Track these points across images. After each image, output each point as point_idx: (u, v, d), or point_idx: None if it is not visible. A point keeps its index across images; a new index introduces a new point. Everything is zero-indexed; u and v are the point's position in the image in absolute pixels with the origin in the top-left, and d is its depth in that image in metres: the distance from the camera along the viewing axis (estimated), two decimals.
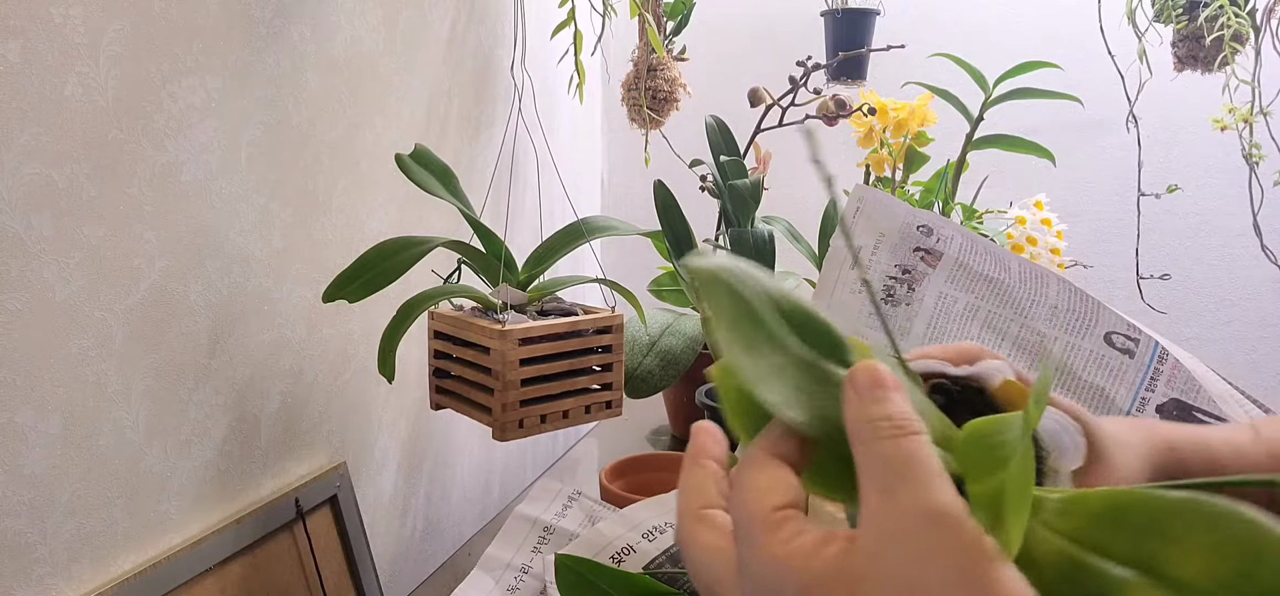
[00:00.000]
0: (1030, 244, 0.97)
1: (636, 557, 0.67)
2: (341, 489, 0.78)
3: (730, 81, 1.35)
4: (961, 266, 0.66)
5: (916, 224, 0.68)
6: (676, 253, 0.96)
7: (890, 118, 1.02)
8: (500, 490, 1.15)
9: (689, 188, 1.02)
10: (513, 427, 0.73)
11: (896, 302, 0.68)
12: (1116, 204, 1.58)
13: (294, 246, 0.73)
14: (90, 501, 0.56)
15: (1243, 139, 1.17)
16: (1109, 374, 0.62)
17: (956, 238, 0.67)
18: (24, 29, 0.50)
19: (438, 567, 0.98)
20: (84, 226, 0.54)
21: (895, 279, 0.68)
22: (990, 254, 0.66)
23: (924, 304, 0.67)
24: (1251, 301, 1.56)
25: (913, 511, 0.25)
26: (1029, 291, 0.64)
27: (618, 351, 0.79)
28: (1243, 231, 1.48)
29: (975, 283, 0.66)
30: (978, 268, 0.66)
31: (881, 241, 0.69)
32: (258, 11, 0.67)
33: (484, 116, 1.05)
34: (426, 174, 0.78)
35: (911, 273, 0.68)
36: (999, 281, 0.65)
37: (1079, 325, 0.63)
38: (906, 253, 0.68)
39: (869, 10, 1.47)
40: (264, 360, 0.71)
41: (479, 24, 1.03)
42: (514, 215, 1.10)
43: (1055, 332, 0.63)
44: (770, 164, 1.05)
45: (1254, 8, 1.13)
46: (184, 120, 0.61)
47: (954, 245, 0.67)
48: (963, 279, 0.66)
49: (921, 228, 0.68)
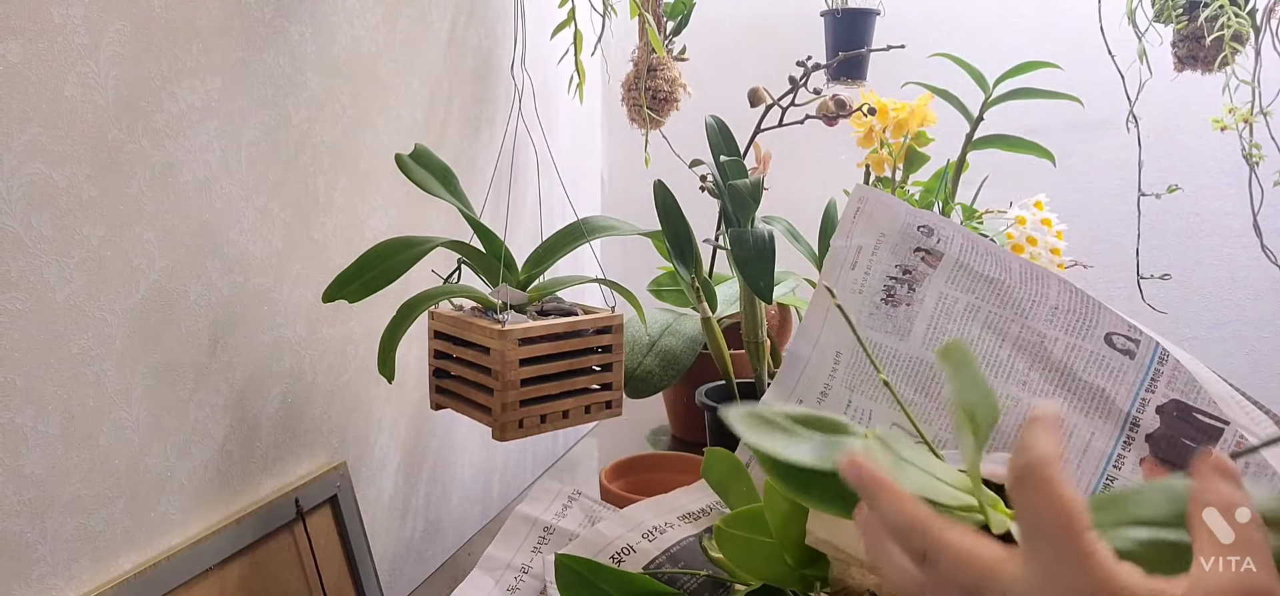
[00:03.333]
0: (1030, 244, 0.97)
1: (636, 557, 0.67)
2: (341, 489, 0.78)
3: (730, 81, 1.35)
4: (962, 267, 0.66)
5: (917, 224, 0.68)
6: (676, 252, 0.96)
7: (890, 118, 1.02)
8: (500, 490, 1.15)
9: (689, 188, 1.02)
10: (513, 427, 0.73)
11: (897, 302, 0.68)
12: (1116, 204, 1.58)
13: (294, 246, 0.73)
14: (90, 501, 0.56)
15: (1243, 139, 1.17)
16: (1109, 375, 0.61)
17: (957, 238, 0.67)
18: (24, 29, 0.50)
19: (438, 567, 0.98)
20: (84, 226, 0.54)
21: (896, 279, 0.68)
22: (991, 254, 0.66)
23: (924, 304, 0.67)
24: (1251, 301, 1.56)
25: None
26: (1029, 292, 0.64)
27: (618, 351, 0.79)
28: (1243, 231, 1.48)
29: (975, 283, 0.66)
30: (978, 268, 0.66)
31: (882, 241, 0.69)
32: (258, 11, 0.67)
33: (484, 116, 1.05)
34: (426, 174, 0.78)
35: (912, 273, 0.68)
36: (999, 282, 0.65)
37: (1079, 326, 0.63)
38: (907, 253, 0.68)
39: (869, 10, 1.47)
40: (264, 360, 0.71)
41: (479, 24, 1.03)
42: (514, 215, 1.10)
43: (1056, 333, 0.63)
44: (770, 164, 1.05)
45: (1254, 8, 1.13)
46: (184, 120, 0.61)
47: (954, 245, 0.67)
48: (963, 279, 0.66)
49: (922, 228, 0.68)
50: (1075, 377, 0.62)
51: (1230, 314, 1.57)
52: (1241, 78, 1.14)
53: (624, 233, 0.84)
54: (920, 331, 0.67)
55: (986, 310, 0.65)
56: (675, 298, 1.24)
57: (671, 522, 0.71)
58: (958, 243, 0.67)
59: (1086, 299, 0.63)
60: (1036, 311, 0.63)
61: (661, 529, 0.70)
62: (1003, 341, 0.64)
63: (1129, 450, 0.60)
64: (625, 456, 0.97)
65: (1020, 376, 0.63)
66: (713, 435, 0.99)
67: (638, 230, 0.86)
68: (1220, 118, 1.18)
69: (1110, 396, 0.61)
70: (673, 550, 0.67)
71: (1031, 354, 0.63)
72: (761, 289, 0.88)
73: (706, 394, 1.01)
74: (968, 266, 0.66)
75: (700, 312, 1.00)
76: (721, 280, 1.23)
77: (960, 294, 0.66)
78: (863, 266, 0.70)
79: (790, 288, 1.28)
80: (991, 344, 0.64)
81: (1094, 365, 0.62)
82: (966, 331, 0.65)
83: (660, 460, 0.99)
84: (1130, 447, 0.60)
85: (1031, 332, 0.63)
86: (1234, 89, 1.15)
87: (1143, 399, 0.60)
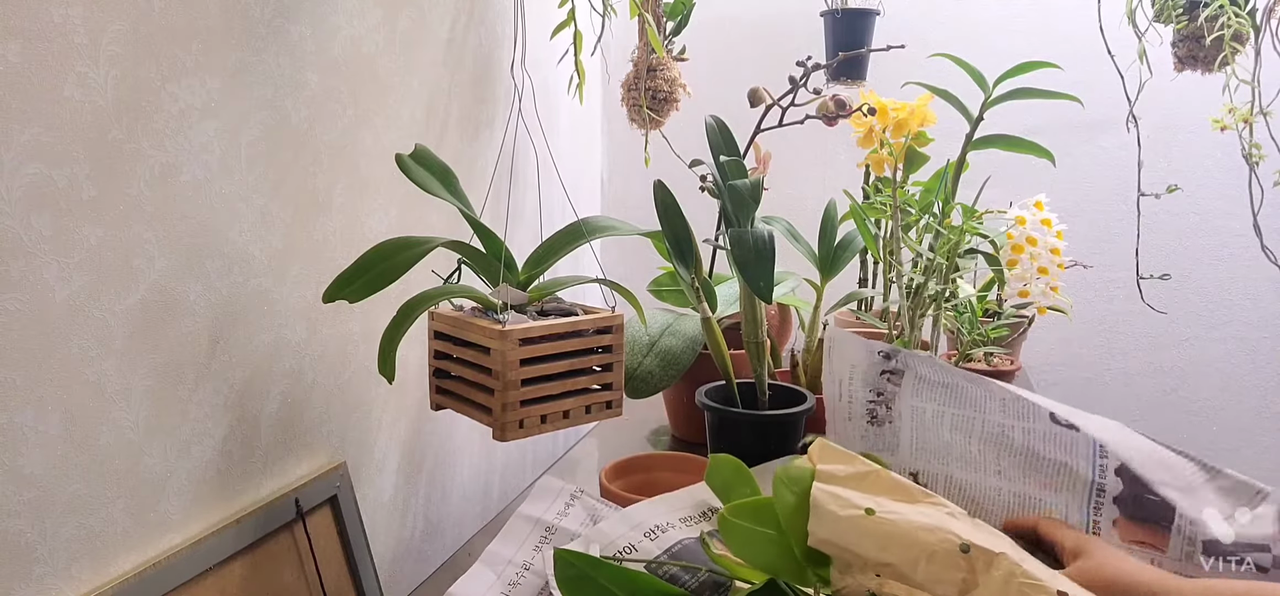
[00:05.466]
0: (1030, 244, 0.97)
1: (638, 556, 0.67)
2: (341, 489, 0.78)
3: (730, 81, 1.35)
4: (921, 379, 0.75)
5: (876, 351, 0.78)
6: (676, 253, 0.96)
7: (890, 118, 1.02)
8: (500, 490, 1.15)
9: (689, 188, 1.02)
10: (513, 427, 0.73)
11: (880, 423, 0.78)
12: (1116, 204, 1.59)
13: (294, 246, 0.73)
14: (90, 501, 0.56)
15: (1243, 139, 1.17)
16: (1066, 449, 0.67)
17: (910, 357, 0.76)
18: (24, 29, 0.50)
19: (438, 567, 0.98)
20: (84, 226, 0.54)
21: (874, 402, 0.78)
22: (937, 366, 0.75)
23: (903, 418, 0.76)
24: (1251, 301, 1.56)
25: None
26: (978, 391, 0.72)
27: (618, 351, 0.79)
28: (1243, 231, 1.48)
29: (935, 391, 0.74)
30: (934, 378, 0.74)
31: (854, 372, 0.79)
32: (257, 11, 0.67)
33: (484, 117, 1.05)
34: (426, 174, 0.78)
35: (884, 394, 0.77)
36: (952, 386, 0.73)
37: (1026, 412, 0.69)
38: (876, 378, 0.78)
39: (869, 10, 1.47)
40: (264, 360, 0.71)
41: (479, 24, 1.03)
42: (514, 215, 1.10)
43: (1010, 422, 0.70)
44: (770, 164, 1.05)
45: (1254, 8, 1.13)
46: (184, 120, 0.61)
47: (909, 362, 0.76)
48: (925, 390, 0.75)
49: (881, 353, 0.78)
50: (1039, 457, 0.68)
51: (1230, 314, 1.57)
52: (1241, 78, 1.14)
53: (624, 233, 0.84)
54: (906, 441, 0.76)
55: (951, 413, 0.73)
56: (675, 298, 1.24)
57: (673, 522, 0.71)
58: (911, 360, 0.76)
59: (1018, 394, 0.70)
60: (990, 405, 0.71)
61: (663, 528, 0.70)
62: (970, 438, 0.72)
63: (1100, 515, 0.66)
64: (625, 456, 0.97)
65: (994, 466, 0.71)
66: (713, 436, 0.99)
67: (638, 230, 0.86)
68: (1220, 118, 1.18)
69: (1073, 468, 0.67)
70: (674, 549, 0.67)
71: (998, 444, 0.70)
72: (761, 289, 0.88)
73: (706, 394, 1.01)
74: (925, 378, 0.75)
75: (700, 312, 1.00)
76: (721, 280, 1.23)
77: (926, 404, 0.75)
78: (846, 397, 0.79)
79: (790, 287, 1.28)
80: (962, 443, 0.72)
81: (1050, 442, 0.68)
82: (940, 435, 0.73)
83: (660, 460, 0.99)
84: (1101, 512, 0.66)
85: (992, 424, 0.71)
86: (1234, 89, 1.15)
87: (1100, 464, 0.66)
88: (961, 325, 1.23)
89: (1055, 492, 0.67)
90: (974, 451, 0.71)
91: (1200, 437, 1.58)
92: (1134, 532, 0.64)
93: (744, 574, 0.60)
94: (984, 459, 0.71)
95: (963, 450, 0.72)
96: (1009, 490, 0.70)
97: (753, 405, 1.00)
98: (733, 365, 1.02)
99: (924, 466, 0.75)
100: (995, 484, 0.70)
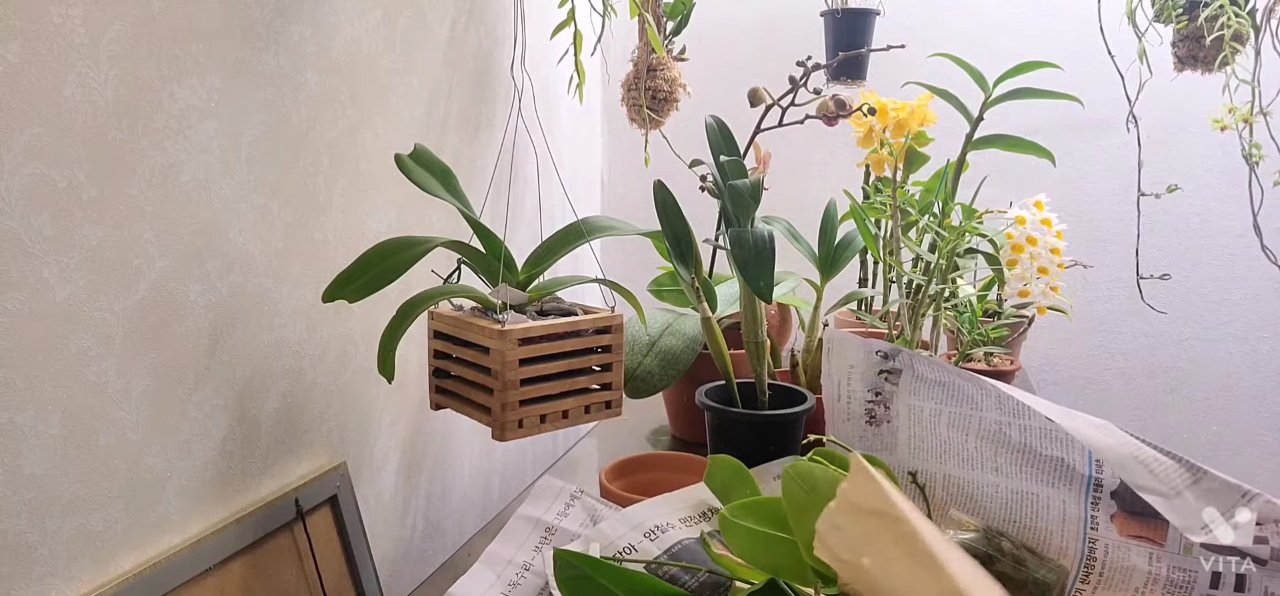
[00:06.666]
0: (1030, 244, 0.97)
1: (638, 556, 0.67)
2: (341, 489, 0.78)
3: (730, 81, 1.35)
4: (918, 377, 0.75)
5: (874, 350, 0.78)
6: (676, 253, 0.96)
7: (890, 118, 1.02)
8: (500, 490, 1.15)
9: (689, 188, 1.02)
10: (512, 427, 0.73)
11: (878, 423, 0.78)
12: (1116, 204, 1.59)
13: (294, 246, 0.73)
14: (90, 501, 0.56)
15: (1243, 139, 1.17)
16: (1061, 444, 0.67)
17: (907, 355, 0.76)
18: (24, 29, 0.50)
19: (438, 567, 0.98)
20: (84, 226, 0.54)
21: (872, 402, 0.78)
22: (935, 365, 0.75)
23: (900, 417, 0.76)
24: (1251, 301, 1.56)
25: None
26: (973, 388, 0.72)
27: (617, 351, 0.79)
28: (1243, 231, 1.48)
29: (932, 389, 0.74)
30: (931, 376, 0.74)
31: (852, 372, 0.80)
32: (257, 11, 0.67)
33: (484, 116, 1.05)
34: (426, 174, 0.78)
35: (882, 394, 0.78)
36: (949, 384, 0.73)
37: (1019, 409, 0.69)
38: (874, 377, 0.78)
39: (869, 10, 1.47)
40: (264, 360, 0.71)
41: (479, 24, 1.03)
42: (514, 215, 1.10)
43: (1006, 418, 0.70)
44: (770, 164, 1.05)
45: (1254, 8, 1.13)
46: (183, 120, 0.61)
47: (907, 362, 0.76)
48: (922, 389, 0.75)
49: (878, 353, 0.78)
50: (1036, 453, 0.68)
51: (1230, 314, 1.57)
52: (1241, 77, 1.14)
53: (624, 233, 0.84)
54: (904, 439, 0.76)
55: (949, 411, 0.73)
56: (675, 298, 1.24)
57: (673, 522, 0.71)
58: (909, 359, 0.76)
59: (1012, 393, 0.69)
60: (986, 402, 0.71)
61: (663, 528, 0.70)
62: (968, 435, 0.72)
63: (1098, 510, 0.65)
64: (625, 456, 0.97)
65: (991, 463, 0.71)
66: (713, 436, 0.99)
67: (638, 230, 0.86)
68: (1220, 118, 1.18)
69: (1069, 463, 0.67)
70: (674, 549, 0.67)
71: (994, 441, 0.70)
72: (761, 289, 0.88)
73: (706, 394, 1.01)
74: (922, 376, 0.75)
75: (700, 312, 1.00)
76: (721, 280, 1.23)
77: (924, 402, 0.75)
78: (845, 397, 0.80)
79: (790, 287, 1.28)
80: (960, 440, 0.72)
81: (1046, 438, 0.68)
82: (938, 432, 0.74)
83: (660, 460, 0.99)
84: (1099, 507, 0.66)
85: (989, 422, 0.71)
86: (1234, 89, 1.15)
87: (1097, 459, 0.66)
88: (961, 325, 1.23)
89: (1053, 488, 0.67)
90: (971, 448, 0.72)
91: (1200, 437, 1.58)
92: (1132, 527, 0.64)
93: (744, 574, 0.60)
94: (981, 456, 0.71)
95: (960, 447, 0.72)
96: (1006, 487, 0.70)
97: (753, 405, 1.00)
98: (733, 365, 1.02)
99: (922, 465, 0.75)
100: (993, 480, 0.71)
